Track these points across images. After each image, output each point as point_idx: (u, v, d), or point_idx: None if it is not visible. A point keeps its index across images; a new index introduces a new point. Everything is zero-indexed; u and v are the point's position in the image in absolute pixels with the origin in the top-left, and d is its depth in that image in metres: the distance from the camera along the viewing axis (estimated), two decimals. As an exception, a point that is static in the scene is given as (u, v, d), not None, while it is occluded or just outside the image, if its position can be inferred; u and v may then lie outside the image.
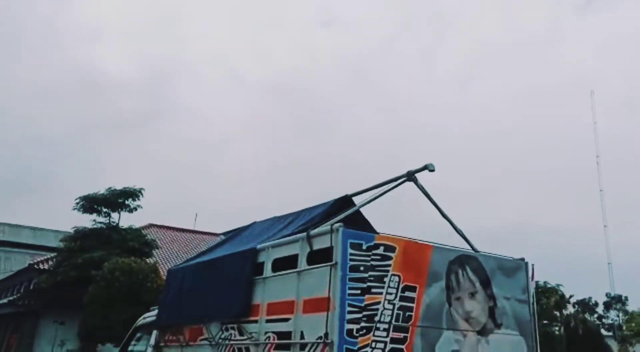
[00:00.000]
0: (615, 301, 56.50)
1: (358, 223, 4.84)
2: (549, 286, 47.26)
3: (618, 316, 56.27)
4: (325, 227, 4.35)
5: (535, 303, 5.16)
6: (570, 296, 46.51)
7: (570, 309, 45.07)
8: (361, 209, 5.21)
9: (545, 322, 41.05)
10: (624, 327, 51.57)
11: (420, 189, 4.94)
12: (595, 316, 56.62)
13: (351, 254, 4.05)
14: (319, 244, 4.30)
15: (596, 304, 58.55)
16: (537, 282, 6.42)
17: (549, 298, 42.99)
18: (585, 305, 55.77)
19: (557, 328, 42.94)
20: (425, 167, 4.73)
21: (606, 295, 57.72)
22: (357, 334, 3.90)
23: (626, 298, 57.16)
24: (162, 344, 6.20)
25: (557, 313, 42.51)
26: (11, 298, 34.20)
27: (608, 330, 52.48)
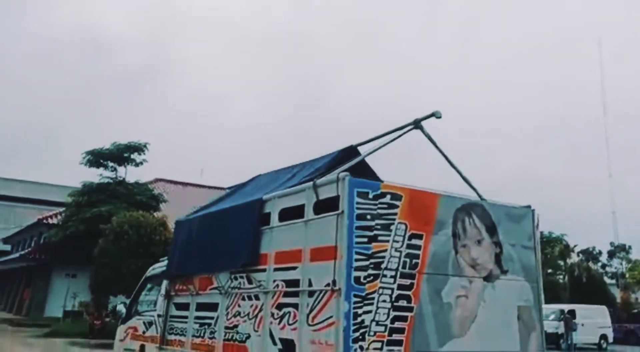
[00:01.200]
0: (618, 250, 57.21)
1: (364, 173, 4.83)
2: (553, 235, 47.81)
3: (621, 264, 57.12)
4: (331, 176, 4.36)
5: (539, 252, 5.20)
6: (575, 246, 47.12)
7: (574, 258, 45.75)
8: (367, 159, 5.19)
9: (549, 271, 41.77)
10: (627, 276, 52.42)
11: (427, 137, 4.90)
12: (599, 264, 57.46)
13: (358, 203, 4.06)
14: (326, 193, 4.31)
15: (600, 253, 59.31)
16: (541, 232, 6.47)
17: (553, 248, 43.56)
18: (589, 254, 56.51)
19: (561, 277, 43.70)
20: (432, 114, 4.68)
21: (610, 244, 58.36)
22: (365, 281, 3.96)
23: (630, 247, 57.82)
24: (172, 293, 6.33)
25: (562, 262, 43.16)
26: (22, 252, 34.91)
27: (611, 278, 53.39)
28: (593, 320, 28.68)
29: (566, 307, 29.40)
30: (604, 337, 29.07)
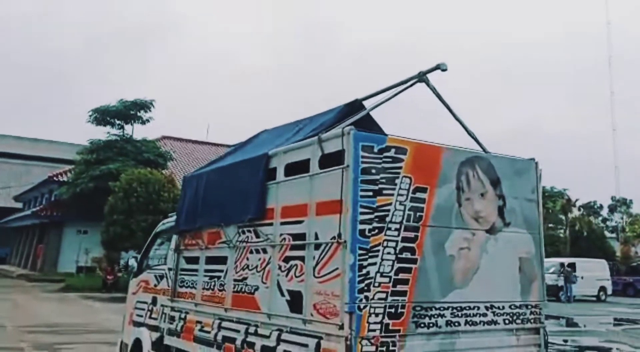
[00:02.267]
0: (620, 204, 57.34)
1: (369, 127, 4.83)
2: (555, 190, 47.90)
3: (622, 219, 57.38)
4: (336, 130, 4.37)
5: (541, 206, 5.25)
6: (576, 200, 47.29)
7: (575, 213, 46.01)
8: (372, 114, 5.18)
9: (550, 225, 42.09)
10: (627, 229, 52.73)
11: (432, 90, 4.88)
12: (600, 219, 57.72)
13: (363, 157, 4.08)
14: (331, 147, 4.33)
15: (601, 207, 59.56)
16: (543, 187, 6.49)
17: (555, 202, 43.75)
18: (590, 208, 56.77)
19: (562, 231, 44.06)
20: (437, 67, 4.64)
21: (611, 198, 58.47)
22: (369, 234, 4.03)
23: (631, 201, 58.07)
24: (182, 247, 6.47)
25: (563, 217, 43.41)
26: (34, 210, 35.45)
27: (612, 232, 53.76)
28: (592, 273, 29.17)
29: (566, 260, 29.86)
30: (602, 289, 29.63)
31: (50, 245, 32.90)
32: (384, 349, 3.97)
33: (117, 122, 30.63)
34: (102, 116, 30.04)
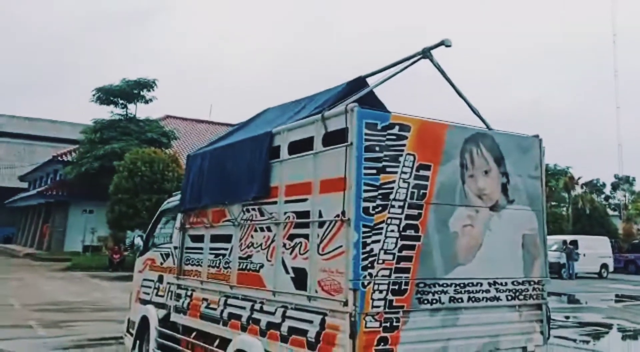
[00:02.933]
0: (622, 182, 57.30)
1: (373, 104, 4.81)
2: (558, 168, 47.84)
3: (624, 196, 57.39)
4: (340, 108, 4.35)
5: (544, 183, 5.24)
6: (579, 178, 47.30)
7: (578, 191, 46.04)
8: (375, 91, 5.16)
9: (553, 203, 42.17)
10: (630, 207, 52.76)
11: (436, 67, 4.85)
12: (603, 196, 57.73)
13: (366, 134, 4.08)
14: (334, 125, 4.32)
15: (604, 185, 59.56)
16: (546, 165, 6.48)
17: (558, 180, 43.76)
18: (593, 186, 56.81)
19: (564, 209, 44.15)
20: (441, 43, 4.60)
21: (614, 176, 58.43)
22: (373, 212, 4.05)
23: (633, 179, 58.01)
24: (187, 226, 6.51)
25: (566, 195, 43.45)
26: (40, 189, 35.66)
27: (614, 210, 53.82)
28: (594, 250, 29.37)
29: (569, 238, 30.00)
30: (604, 266, 29.85)
31: (56, 224, 33.15)
32: (388, 325, 4.02)
33: (121, 101, 30.60)
34: (106, 95, 29.99)
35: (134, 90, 30.13)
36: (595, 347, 10.94)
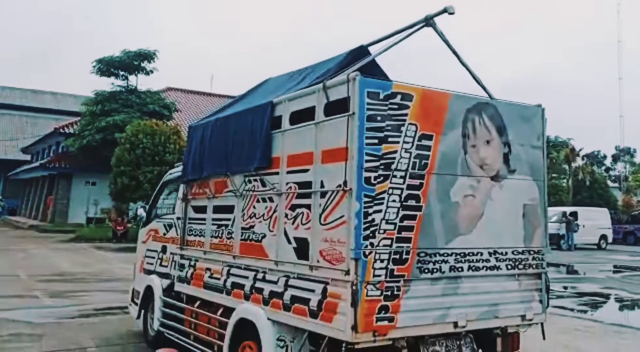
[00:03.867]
0: (623, 154, 57.18)
1: (375, 74, 4.77)
2: (559, 140, 47.71)
3: (625, 168, 57.37)
4: (341, 76, 4.31)
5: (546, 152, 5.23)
6: (580, 149, 47.21)
7: (579, 162, 46.03)
8: (378, 61, 5.11)
9: (554, 175, 42.19)
10: (630, 179, 52.78)
11: (439, 35, 4.79)
12: (603, 168, 57.70)
13: (368, 104, 4.05)
14: (336, 94, 4.29)
15: (604, 157, 59.47)
16: (548, 137, 6.44)
17: (559, 152, 43.71)
18: (594, 158, 56.71)
19: (565, 181, 44.22)
20: (444, 10, 4.53)
21: (615, 148, 58.28)
22: (375, 182, 4.05)
23: (634, 150, 57.86)
24: (189, 197, 6.53)
25: (566, 167, 43.45)
26: (42, 161, 35.72)
27: (614, 181, 53.88)
28: (594, 222, 29.52)
29: (568, 209, 30.11)
30: (603, 237, 30.05)
31: (59, 196, 33.31)
32: (389, 293, 4.07)
33: (121, 73, 30.39)
34: (106, 67, 29.78)
35: (134, 62, 29.90)
36: (592, 317, 11.08)
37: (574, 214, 28.71)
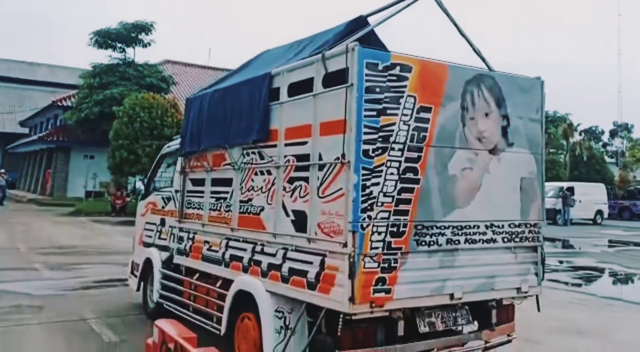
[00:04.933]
0: (621, 129, 57.19)
1: (374, 45, 4.71)
2: (558, 115, 47.64)
3: (622, 143, 57.43)
4: (340, 47, 4.27)
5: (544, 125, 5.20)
6: (578, 125, 47.14)
7: (576, 138, 46.03)
8: (376, 32, 5.05)
9: (551, 150, 42.23)
10: (627, 154, 52.84)
11: (439, 5, 4.73)
12: (600, 143, 57.75)
13: (367, 75, 4.01)
14: (335, 65, 4.25)
15: (602, 132, 59.47)
16: (546, 112, 6.41)
17: (557, 127, 43.67)
18: (592, 133, 56.71)
19: (562, 156, 44.31)
20: None
21: (613, 123, 58.27)
22: (373, 154, 4.04)
23: (632, 126, 57.87)
24: (188, 170, 6.53)
25: (564, 142, 43.49)
26: (41, 135, 35.62)
27: (611, 157, 53.98)
28: (590, 197, 29.66)
29: (565, 184, 30.21)
30: (599, 213, 30.23)
31: (58, 170, 33.29)
32: (386, 265, 4.10)
33: (119, 45, 30.08)
34: (103, 39, 29.46)
35: (131, 34, 29.56)
36: (586, 290, 11.21)
37: (571, 189, 28.80)
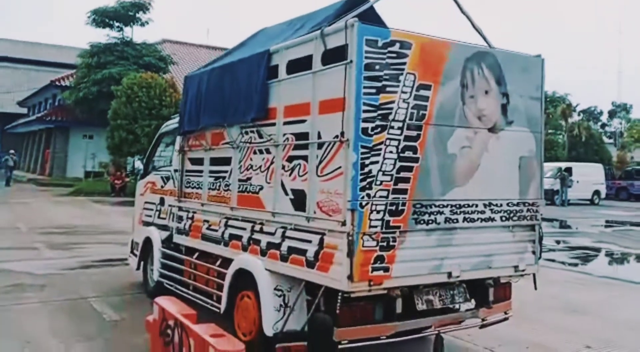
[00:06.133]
0: (620, 109, 57.12)
1: (373, 22, 4.63)
2: (557, 95, 47.49)
3: (621, 124, 57.38)
4: (339, 23, 4.22)
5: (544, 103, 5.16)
6: (577, 105, 46.97)
7: (575, 118, 45.96)
8: (376, 8, 4.98)
9: (550, 131, 42.20)
10: (625, 135, 52.78)
11: None
12: (599, 124, 57.72)
13: (366, 52, 3.97)
14: (334, 42, 4.20)
15: (601, 113, 59.45)
16: (545, 92, 6.38)
17: (556, 107, 43.57)
18: (591, 114, 56.62)
19: (561, 137, 44.31)
20: None
21: (612, 104, 58.17)
22: (372, 132, 4.02)
23: (631, 106, 57.81)
24: (186, 149, 6.51)
25: (563, 122, 43.44)
26: (39, 115, 35.49)
27: (610, 137, 53.95)
28: (588, 177, 29.73)
29: (563, 165, 30.23)
30: (596, 193, 30.34)
31: (57, 150, 33.26)
32: (385, 244, 4.11)
33: (116, 24, 29.84)
34: (101, 18, 29.23)
35: (129, 12, 29.31)
36: (583, 270, 11.29)
37: (569, 170, 28.83)
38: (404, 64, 4.14)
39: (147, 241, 7.32)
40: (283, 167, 4.73)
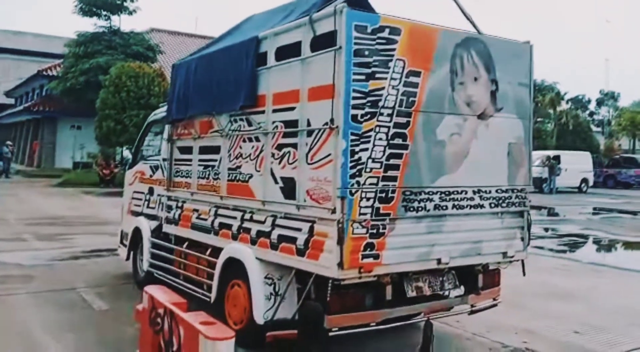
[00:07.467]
0: (607, 98, 57.53)
1: (363, 8, 4.61)
2: (545, 84, 47.75)
3: (608, 112, 57.81)
4: (328, 9, 4.20)
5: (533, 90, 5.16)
6: (565, 93, 47.18)
7: (563, 106, 46.20)
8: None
9: (538, 119, 42.44)
10: (613, 123, 53.18)
11: None
12: (587, 112, 58.12)
13: (356, 38, 3.95)
14: (323, 28, 4.18)
15: (589, 101, 59.86)
16: (534, 81, 6.38)
17: (544, 96, 43.79)
18: (579, 102, 56.96)
19: (549, 125, 44.57)
20: None
21: (600, 92, 58.58)
22: (362, 119, 4.01)
23: (618, 94, 58.20)
24: (175, 137, 6.46)
25: (551, 111, 43.67)
26: (26, 105, 35.10)
27: (598, 126, 54.33)
28: (576, 165, 29.93)
29: (551, 153, 30.40)
30: (584, 181, 30.57)
31: (45, 141, 32.94)
32: (375, 231, 4.11)
33: (104, 12, 29.48)
34: (88, 6, 28.87)
35: (116, 1, 28.98)
36: (571, 256, 11.39)
37: (557, 158, 29.01)
38: (394, 50, 4.12)
39: (137, 231, 7.28)
40: (272, 155, 4.71)
